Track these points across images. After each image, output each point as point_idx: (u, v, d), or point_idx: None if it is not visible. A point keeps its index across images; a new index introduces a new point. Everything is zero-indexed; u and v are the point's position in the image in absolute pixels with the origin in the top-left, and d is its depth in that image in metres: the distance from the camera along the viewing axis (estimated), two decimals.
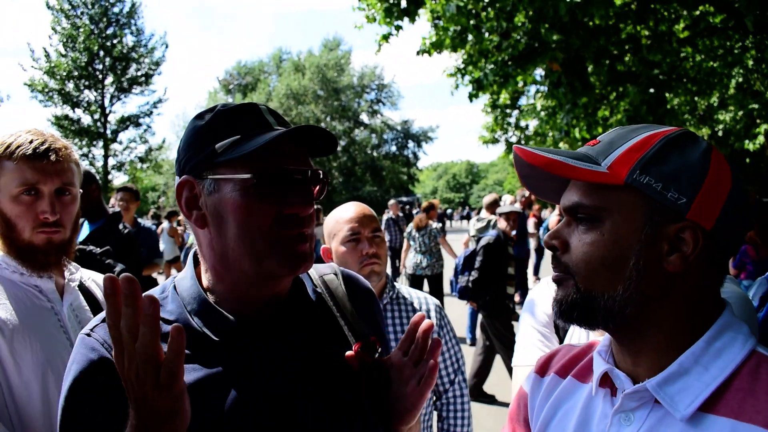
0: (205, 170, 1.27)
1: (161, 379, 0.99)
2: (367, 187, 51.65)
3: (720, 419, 1.02)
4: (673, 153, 1.11)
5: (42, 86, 28.70)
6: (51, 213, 1.88)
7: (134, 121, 31.16)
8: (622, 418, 1.13)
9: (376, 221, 2.66)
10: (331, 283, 1.54)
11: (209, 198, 1.27)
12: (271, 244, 1.25)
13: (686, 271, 1.09)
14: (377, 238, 2.61)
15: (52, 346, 1.85)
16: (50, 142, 1.91)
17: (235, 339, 1.28)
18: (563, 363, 1.37)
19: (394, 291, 2.75)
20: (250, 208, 1.23)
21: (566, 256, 1.18)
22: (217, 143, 1.25)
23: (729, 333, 1.11)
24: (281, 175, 1.25)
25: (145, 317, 0.97)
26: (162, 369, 0.99)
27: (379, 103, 56.14)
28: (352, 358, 1.37)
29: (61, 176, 1.91)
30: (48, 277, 1.95)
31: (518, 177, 1.29)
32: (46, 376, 1.80)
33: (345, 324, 1.46)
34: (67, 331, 1.92)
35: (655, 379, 1.09)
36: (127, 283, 0.98)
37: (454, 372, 2.76)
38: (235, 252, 1.26)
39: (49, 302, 1.93)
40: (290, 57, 57.91)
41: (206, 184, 1.27)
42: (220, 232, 1.27)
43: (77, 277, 2.09)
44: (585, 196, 1.15)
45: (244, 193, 1.23)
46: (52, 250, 1.92)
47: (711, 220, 1.08)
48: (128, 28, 30.79)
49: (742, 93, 13.37)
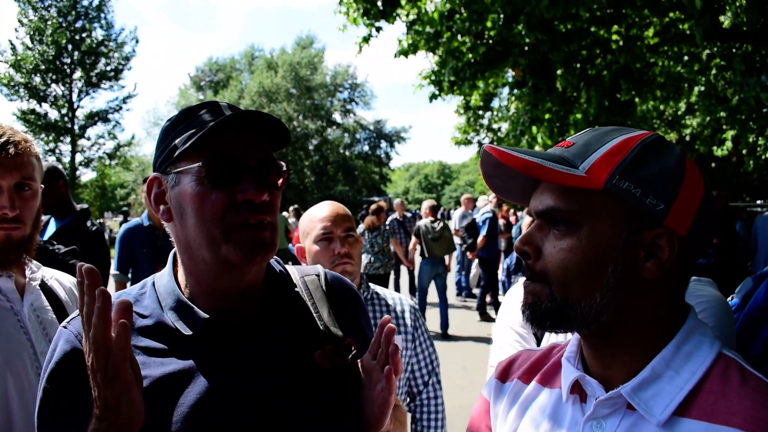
0: (169, 166, 1.32)
1: (107, 371, 1.04)
2: (339, 187, 51.46)
3: (694, 423, 1.03)
4: (651, 158, 1.11)
5: (7, 80, 27.98)
6: (10, 208, 1.82)
7: (103, 117, 30.53)
8: (593, 425, 1.13)
9: (350, 221, 2.65)
10: (312, 284, 1.55)
11: (172, 192, 1.32)
12: (226, 231, 1.27)
13: (661, 277, 1.09)
14: (350, 237, 2.59)
15: (12, 347, 1.79)
16: (8, 135, 1.84)
17: (209, 334, 1.30)
18: (526, 368, 1.35)
19: (368, 291, 2.74)
20: (204, 196, 1.27)
21: (539, 263, 1.15)
22: (177, 139, 1.30)
23: (696, 336, 1.12)
24: (230, 161, 1.27)
25: (96, 309, 1.03)
26: (108, 360, 1.04)
27: (352, 102, 55.99)
28: (322, 357, 1.37)
29: (20, 170, 1.85)
30: (7, 276, 1.89)
31: (483, 177, 1.26)
32: (5, 378, 1.74)
33: (321, 324, 1.46)
34: (28, 332, 1.85)
35: (629, 384, 1.09)
36: (88, 275, 1.05)
37: (428, 373, 2.75)
38: (195, 241, 1.30)
39: (8, 302, 1.87)
40: (263, 54, 57.44)
41: (170, 179, 1.32)
42: (182, 223, 1.31)
43: (39, 276, 2.03)
44: (560, 200, 1.12)
45: (198, 183, 1.27)
46: (12, 248, 1.86)
47: (685, 227, 1.09)
48: (97, 21, 30.17)
49: (708, 99, 13.61)
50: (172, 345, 1.29)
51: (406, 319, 2.72)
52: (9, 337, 1.81)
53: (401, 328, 2.71)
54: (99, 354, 1.04)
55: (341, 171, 54.03)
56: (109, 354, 1.04)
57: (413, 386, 2.74)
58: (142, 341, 1.30)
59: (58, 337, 1.31)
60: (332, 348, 1.39)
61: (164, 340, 1.30)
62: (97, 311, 1.03)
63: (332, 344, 1.40)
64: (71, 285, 2.15)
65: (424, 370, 2.75)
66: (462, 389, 7.29)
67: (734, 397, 1.02)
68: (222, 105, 1.35)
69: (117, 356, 1.04)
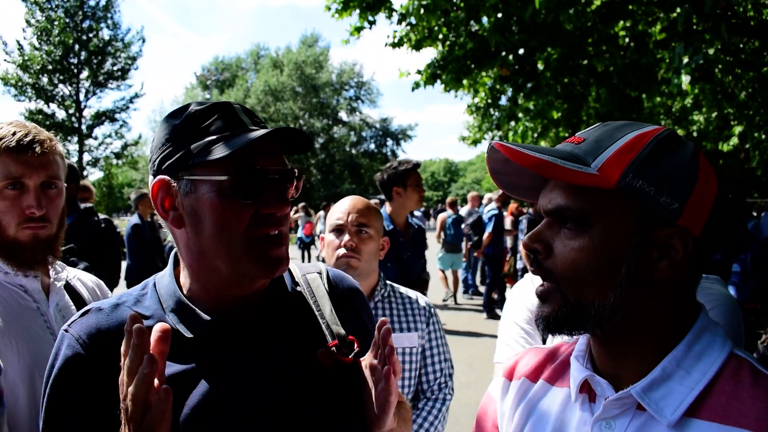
0: (181, 171, 1.26)
1: (142, 424, 1.02)
2: (345, 185, 51.45)
3: (705, 423, 1.02)
4: (665, 156, 1.08)
5: (15, 80, 28.07)
6: (37, 207, 1.81)
7: (110, 117, 30.60)
8: (603, 425, 1.11)
9: (367, 216, 2.60)
10: (313, 282, 1.54)
11: (186, 198, 1.27)
12: (248, 246, 1.25)
13: (674, 276, 1.08)
14: (363, 233, 2.57)
15: (39, 347, 1.78)
16: (34, 133, 1.84)
17: (210, 336, 1.29)
18: (533, 366, 1.34)
19: (385, 288, 2.73)
20: (227, 208, 1.24)
21: (549, 261, 1.13)
22: (192, 144, 1.25)
23: (707, 336, 1.10)
24: (257, 174, 1.25)
25: (141, 374, 1.00)
26: (145, 417, 1.02)
27: (358, 100, 56.00)
28: (324, 356, 1.36)
29: (46, 169, 1.84)
30: (34, 277, 1.88)
31: (489, 173, 1.24)
32: (33, 379, 1.74)
33: (323, 322, 1.46)
34: (54, 332, 1.84)
35: (639, 384, 1.08)
36: (138, 335, 1.02)
37: (444, 377, 2.72)
38: (212, 252, 1.26)
39: (34, 302, 1.86)
40: (268, 53, 57.49)
41: (182, 185, 1.27)
42: (197, 232, 1.27)
43: (63, 276, 2.03)
44: (571, 199, 1.10)
45: (220, 194, 1.23)
46: (39, 247, 1.85)
47: (700, 225, 1.07)
48: (104, 21, 30.24)
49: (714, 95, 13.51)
50: (174, 347, 1.25)
51: (421, 318, 2.71)
52: (36, 337, 1.80)
53: (417, 326, 2.69)
54: (136, 408, 1.01)
55: (347, 169, 54.04)
56: (147, 412, 1.02)
57: (427, 390, 2.69)
58: None
59: (61, 341, 1.28)
60: (335, 346, 1.38)
61: None
62: (141, 375, 1.00)
63: (334, 342, 1.39)
64: (93, 285, 2.15)
65: (439, 373, 2.72)
66: (468, 387, 7.28)
67: (746, 398, 1.01)
68: (236, 108, 1.32)
69: (155, 415, 1.01)
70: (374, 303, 2.69)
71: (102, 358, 1.23)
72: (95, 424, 1.19)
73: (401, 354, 2.63)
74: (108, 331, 1.26)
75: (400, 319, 2.69)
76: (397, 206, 4.84)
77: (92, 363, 1.23)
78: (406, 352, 2.65)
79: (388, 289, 2.75)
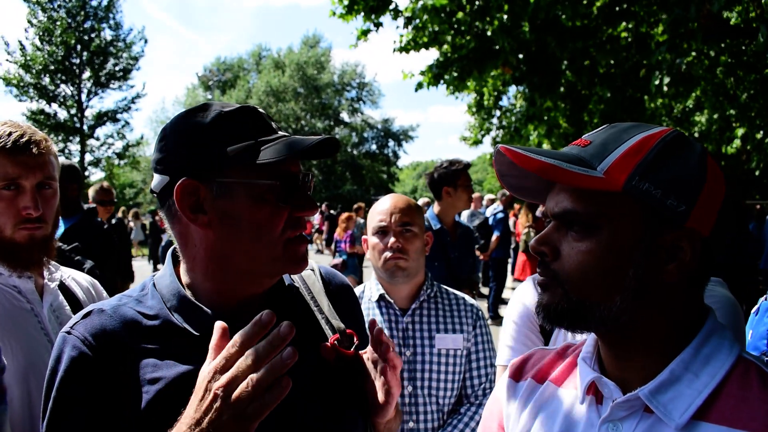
0: (213, 172, 1.26)
1: (249, 408, 1.02)
2: (347, 186, 51.39)
3: (714, 427, 1.01)
4: (672, 158, 1.08)
5: (17, 80, 28.05)
6: (34, 208, 1.81)
7: (111, 117, 30.57)
8: (610, 427, 1.11)
9: (411, 215, 2.58)
10: (308, 279, 1.56)
11: (218, 201, 1.27)
12: (284, 247, 1.30)
13: (682, 279, 1.08)
14: (407, 232, 2.54)
15: (33, 348, 1.78)
16: (29, 134, 1.84)
17: None
18: (540, 367, 1.34)
19: (432, 288, 2.70)
20: (267, 211, 1.27)
21: (556, 264, 1.13)
22: (228, 146, 1.25)
23: (715, 339, 1.10)
24: (296, 180, 1.30)
25: (279, 362, 1.02)
26: (253, 403, 1.02)
27: (360, 101, 55.85)
28: (328, 349, 1.38)
29: (42, 170, 1.84)
30: (27, 277, 1.88)
31: (496, 175, 1.24)
32: (27, 379, 1.74)
33: (322, 318, 1.48)
34: (48, 333, 1.85)
35: (647, 387, 1.08)
36: (288, 329, 1.04)
37: (489, 382, 2.65)
38: (246, 254, 1.29)
39: (28, 303, 1.86)
40: (270, 54, 57.44)
41: (215, 187, 1.27)
42: (230, 235, 1.28)
43: (57, 276, 2.03)
44: (577, 203, 1.10)
45: (259, 198, 1.26)
46: (35, 247, 1.85)
47: (708, 228, 1.07)
48: (106, 22, 30.19)
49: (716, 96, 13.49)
50: (182, 346, 1.27)
51: (468, 320, 2.67)
52: (30, 338, 1.80)
53: (463, 327, 2.65)
54: (256, 394, 1.02)
55: (349, 170, 53.94)
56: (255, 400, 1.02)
57: (471, 395, 2.63)
58: (151, 343, 1.27)
59: (63, 344, 1.26)
60: (336, 340, 1.40)
61: (174, 340, 1.28)
62: (280, 364, 1.02)
63: (336, 336, 1.42)
64: (88, 284, 2.15)
65: (484, 378, 2.65)
66: None
67: (754, 401, 1.01)
68: (262, 112, 1.34)
69: (269, 401, 1.03)
70: (420, 302, 2.64)
71: (108, 359, 1.23)
72: (102, 423, 1.19)
73: (445, 356, 2.58)
74: (113, 332, 1.26)
75: (446, 320, 2.65)
76: (446, 206, 4.83)
77: (99, 363, 1.22)
78: (450, 354, 2.59)
79: (435, 289, 2.71)
